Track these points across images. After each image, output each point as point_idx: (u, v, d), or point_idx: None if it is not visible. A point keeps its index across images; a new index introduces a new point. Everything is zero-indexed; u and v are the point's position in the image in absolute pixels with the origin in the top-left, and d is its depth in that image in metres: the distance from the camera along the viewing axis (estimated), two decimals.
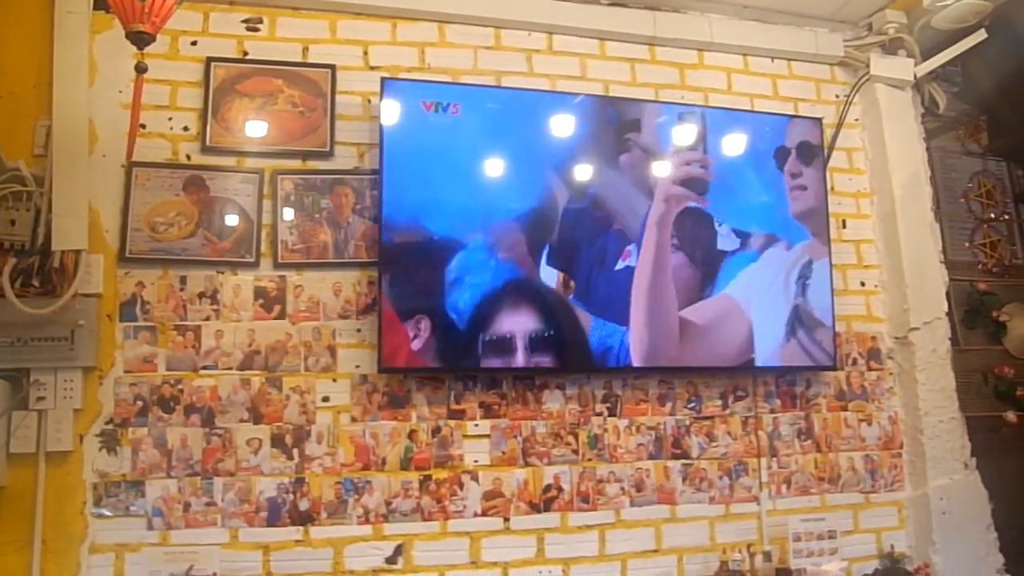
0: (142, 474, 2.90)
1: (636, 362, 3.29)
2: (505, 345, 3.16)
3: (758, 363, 3.47)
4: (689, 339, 3.36)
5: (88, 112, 3.02)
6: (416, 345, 3.06)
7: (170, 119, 3.15)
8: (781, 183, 3.63)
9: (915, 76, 3.99)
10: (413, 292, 3.11)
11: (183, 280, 3.06)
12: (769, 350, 3.49)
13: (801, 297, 3.53)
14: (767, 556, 3.32)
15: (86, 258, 2.92)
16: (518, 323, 3.18)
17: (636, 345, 3.29)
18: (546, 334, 3.21)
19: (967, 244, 4.19)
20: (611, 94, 3.62)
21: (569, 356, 3.25)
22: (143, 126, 3.10)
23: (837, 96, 4.02)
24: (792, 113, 3.87)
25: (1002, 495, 3.76)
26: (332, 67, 3.31)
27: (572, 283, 3.27)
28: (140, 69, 2.69)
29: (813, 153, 3.67)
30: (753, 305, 3.46)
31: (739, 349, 3.44)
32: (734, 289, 3.46)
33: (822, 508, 3.57)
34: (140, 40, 2.59)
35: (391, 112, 3.19)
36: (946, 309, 3.86)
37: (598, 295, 3.29)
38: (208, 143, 3.15)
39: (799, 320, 3.53)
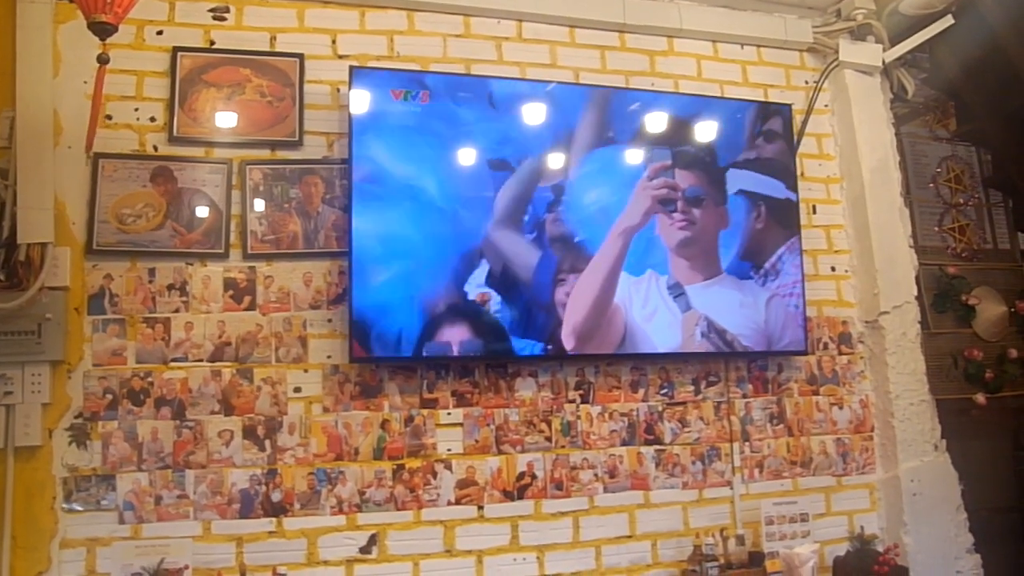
0: (112, 468, 2.88)
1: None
2: (471, 333, 3.18)
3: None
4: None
5: (53, 103, 2.98)
6: (388, 334, 3.07)
7: (136, 109, 3.12)
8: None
9: (883, 62, 4.02)
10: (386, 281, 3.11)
11: (152, 272, 3.04)
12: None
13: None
14: (740, 540, 3.35)
15: (52, 251, 2.88)
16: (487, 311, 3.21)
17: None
18: (516, 322, 3.24)
19: (936, 228, 4.24)
20: (581, 81, 3.61)
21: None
22: (109, 117, 3.07)
23: (806, 82, 4.04)
24: (762, 99, 3.89)
25: (972, 476, 3.81)
26: (300, 56, 3.28)
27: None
28: (102, 60, 2.67)
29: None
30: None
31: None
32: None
33: (794, 492, 3.61)
34: (102, 30, 2.56)
35: (360, 101, 3.17)
36: (916, 293, 3.89)
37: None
38: (175, 133, 3.12)
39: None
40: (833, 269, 3.91)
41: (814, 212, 3.91)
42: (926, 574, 3.49)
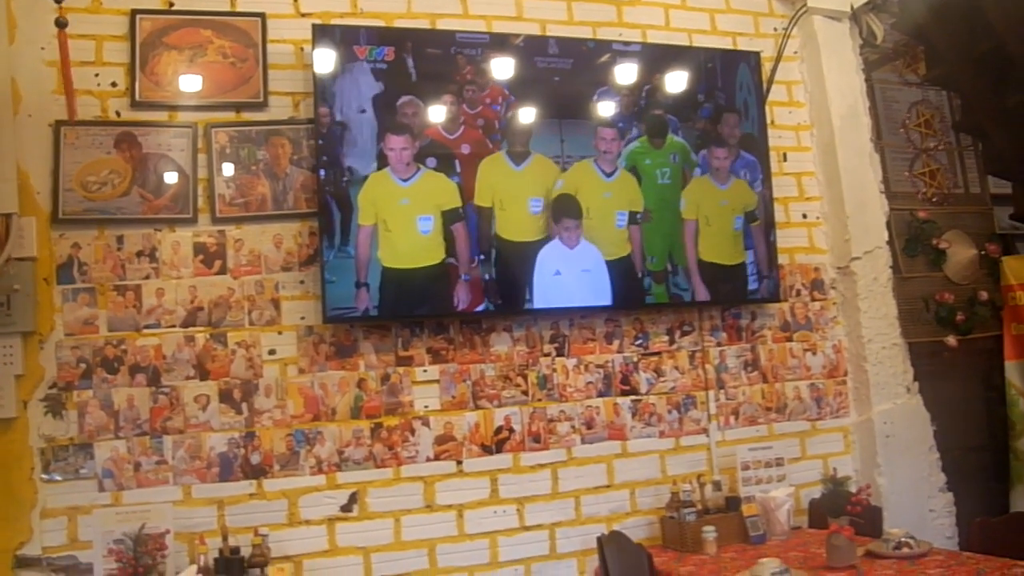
0: (90, 436, 2.89)
1: None
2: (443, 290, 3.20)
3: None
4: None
5: (10, 71, 2.93)
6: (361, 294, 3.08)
7: (97, 75, 3.07)
8: None
9: (852, 7, 4.00)
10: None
11: (120, 239, 3.02)
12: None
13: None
14: (717, 485, 3.40)
15: (18, 221, 2.85)
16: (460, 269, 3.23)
17: None
18: (484, 278, 3.26)
19: (907, 174, 4.25)
20: (548, 34, 3.58)
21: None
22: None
23: (775, 29, 4.02)
24: (731, 47, 3.87)
25: (944, 417, 3.88)
26: (262, 15, 3.23)
27: None
28: (60, 24, 2.61)
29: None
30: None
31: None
32: None
33: (770, 437, 3.67)
34: None
35: (324, 60, 3.14)
36: (887, 238, 3.92)
37: None
38: (138, 98, 3.08)
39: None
40: (804, 216, 3.93)
41: (784, 160, 3.91)
42: (900, 513, 3.53)
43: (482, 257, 3.26)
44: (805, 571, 2.66)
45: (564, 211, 3.38)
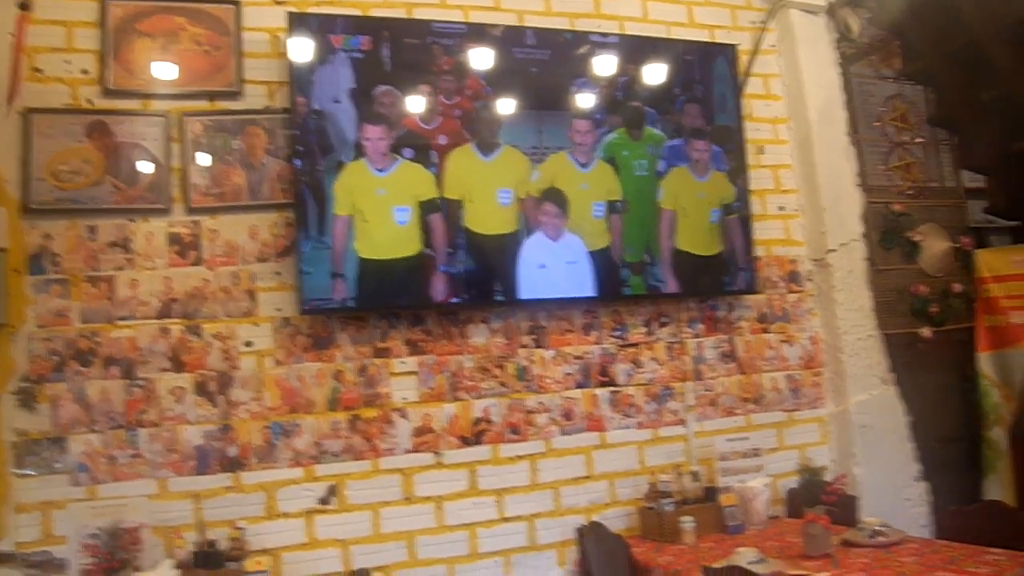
0: (64, 430, 2.84)
1: None
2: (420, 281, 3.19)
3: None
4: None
5: None
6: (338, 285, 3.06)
7: (67, 62, 3.02)
8: None
9: (829, 2, 4.03)
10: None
11: (92, 230, 2.97)
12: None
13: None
14: (695, 476, 3.40)
15: None
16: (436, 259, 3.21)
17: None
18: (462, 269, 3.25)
19: (882, 167, 4.27)
20: (526, 24, 3.56)
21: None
22: (39, 70, 2.98)
23: (753, 22, 4.03)
24: (708, 40, 3.87)
25: (919, 408, 3.91)
26: (236, 3, 3.20)
27: None
28: (23, 7, 2.56)
29: None
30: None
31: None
32: None
33: (747, 428, 3.68)
34: None
35: (300, 48, 3.11)
36: (862, 231, 3.95)
37: None
38: (110, 86, 3.04)
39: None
40: (781, 208, 3.94)
41: (761, 152, 3.92)
42: (876, 502, 3.57)
43: (450, 250, 3.23)
44: (782, 560, 2.67)
45: (548, 197, 3.39)
